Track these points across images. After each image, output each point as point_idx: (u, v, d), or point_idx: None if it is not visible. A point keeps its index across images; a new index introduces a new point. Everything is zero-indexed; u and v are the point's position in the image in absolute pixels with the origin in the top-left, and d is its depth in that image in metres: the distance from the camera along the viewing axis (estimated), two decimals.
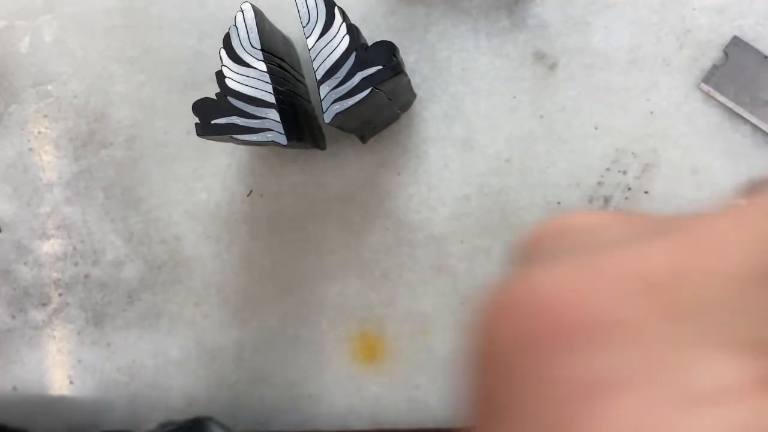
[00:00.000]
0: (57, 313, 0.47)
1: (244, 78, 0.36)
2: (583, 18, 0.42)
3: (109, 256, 0.46)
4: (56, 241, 0.47)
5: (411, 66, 0.43)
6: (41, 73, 0.47)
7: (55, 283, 0.47)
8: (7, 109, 0.47)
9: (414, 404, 0.44)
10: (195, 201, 0.45)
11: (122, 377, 0.47)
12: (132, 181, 0.46)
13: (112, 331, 0.47)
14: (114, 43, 0.46)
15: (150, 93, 0.46)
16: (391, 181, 0.44)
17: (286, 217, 0.45)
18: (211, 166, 0.45)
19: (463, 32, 0.43)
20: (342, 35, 0.35)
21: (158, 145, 0.46)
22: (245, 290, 0.45)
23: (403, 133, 0.43)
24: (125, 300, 0.46)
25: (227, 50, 0.36)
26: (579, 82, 0.42)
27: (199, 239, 0.46)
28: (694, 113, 0.41)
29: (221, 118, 0.36)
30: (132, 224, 0.46)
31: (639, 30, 0.41)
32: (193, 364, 0.46)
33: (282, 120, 0.36)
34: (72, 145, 0.47)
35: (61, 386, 0.48)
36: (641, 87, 0.41)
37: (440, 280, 0.43)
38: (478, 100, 0.43)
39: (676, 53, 0.41)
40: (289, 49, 0.42)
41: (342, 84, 0.35)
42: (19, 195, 0.47)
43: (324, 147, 0.43)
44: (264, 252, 0.45)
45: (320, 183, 0.44)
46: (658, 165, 0.41)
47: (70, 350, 0.47)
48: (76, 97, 0.47)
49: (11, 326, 0.48)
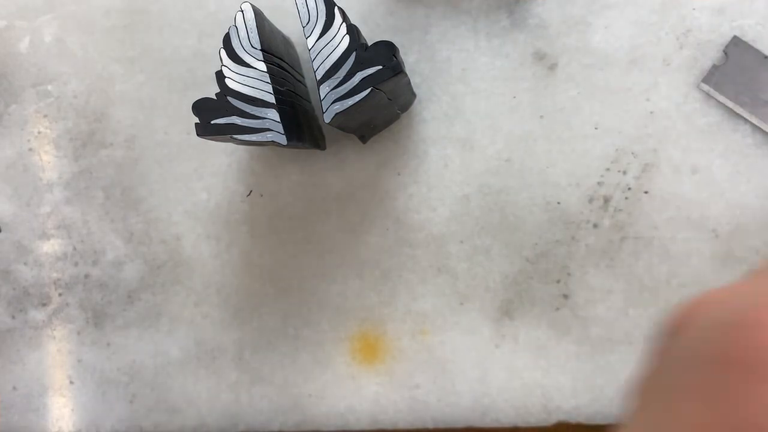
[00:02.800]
0: (57, 313, 0.47)
1: (244, 78, 0.36)
2: (584, 18, 0.42)
3: (109, 256, 0.46)
4: (56, 241, 0.47)
5: (411, 66, 0.43)
6: (41, 73, 0.47)
7: (55, 283, 0.47)
8: (7, 109, 0.47)
9: (414, 404, 0.44)
10: (195, 201, 0.45)
11: (122, 377, 0.47)
12: (132, 181, 0.46)
13: (112, 331, 0.47)
14: (114, 43, 0.46)
15: (150, 93, 0.46)
16: (391, 181, 0.44)
17: (286, 217, 0.45)
18: (211, 166, 0.45)
19: (463, 32, 0.43)
20: (342, 35, 0.35)
21: (158, 145, 0.46)
22: (245, 290, 0.45)
23: (403, 133, 0.43)
24: (125, 300, 0.46)
25: (227, 50, 0.36)
26: (579, 82, 0.42)
27: (199, 239, 0.46)
28: (694, 113, 0.41)
29: (221, 118, 0.36)
30: (132, 224, 0.46)
31: (639, 30, 0.41)
32: (193, 364, 0.46)
33: (282, 120, 0.36)
34: (72, 145, 0.47)
35: (61, 386, 0.48)
36: (641, 87, 0.41)
37: (440, 280, 0.43)
38: (478, 100, 0.43)
39: (676, 53, 0.41)
40: (288, 49, 0.42)
41: (342, 84, 0.35)
42: (19, 195, 0.47)
43: (324, 147, 0.43)
44: (264, 252, 0.45)
45: (320, 183, 0.44)
46: (658, 165, 0.41)
47: (70, 350, 0.47)
48: (76, 97, 0.46)
49: (11, 326, 0.48)
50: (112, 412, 0.47)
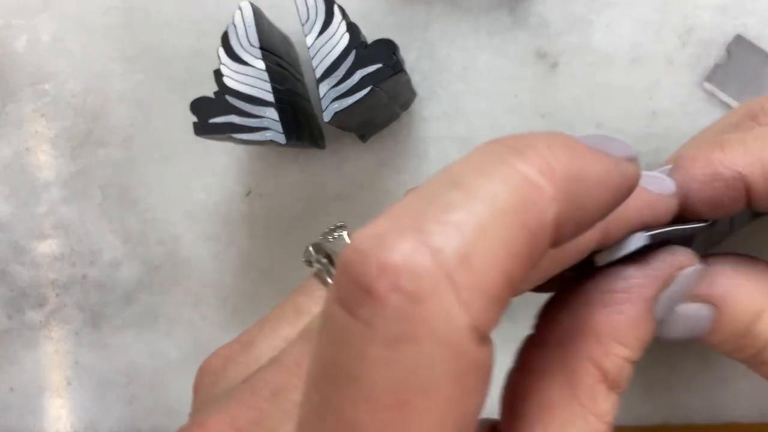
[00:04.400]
0: (54, 314, 0.47)
1: (243, 77, 0.36)
2: (585, 16, 0.41)
3: (106, 257, 0.46)
4: (53, 241, 0.47)
5: (411, 64, 0.43)
6: (39, 72, 0.47)
7: (52, 284, 0.47)
8: (4, 108, 0.47)
9: None
10: (193, 201, 0.45)
11: (120, 378, 0.46)
12: (130, 181, 0.46)
13: (109, 331, 0.46)
14: (112, 42, 0.46)
15: (148, 92, 0.45)
16: (391, 180, 0.43)
17: (285, 217, 0.44)
18: (210, 166, 0.45)
19: (463, 30, 0.42)
20: (341, 33, 0.35)
21: (156, 145, 0.45)
22: (244, 291, 0.45)
23: (404, 132, 0.43)
24: (123, 300, 0.46)
25: (225, 49, 0.36)
26: (581, 80, 0.41)
27: (197, 239, 0.45)
28: (697, 112, 0.40)
29: (219, 117, 0.36)
30: (130, 224, 0.46)
31: (641, 28, 0.41)
32: (191, 366, 0.45)
33: (281, 119, 0.35)
34: (69, 144, 0.46)
35: (59, 387, 0.47)
36: (643, 86, 0.41)
37: None
38: (478, 99, 0.42)
39: (678, 52, 0.41)
40: (288, 47, 0.42)
41: (341, 82, 0.35)
42: (16, 195, 0.47)
43: (323, 146, 0.43)
44: (263, 252, 0.45)
45: (320, 182, 0.44)
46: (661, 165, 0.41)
47: (68, 351, 0.47)
48: (73, 97, 0.46)
49: (8, 327, 0.47)
50: (111, 414, 0.47)
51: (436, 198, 0.15)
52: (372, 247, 0.15)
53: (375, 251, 0.14)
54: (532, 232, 0.15)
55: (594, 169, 0.17)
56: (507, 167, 0.16)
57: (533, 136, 0.17)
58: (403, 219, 0.15)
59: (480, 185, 0.15)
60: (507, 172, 0.15)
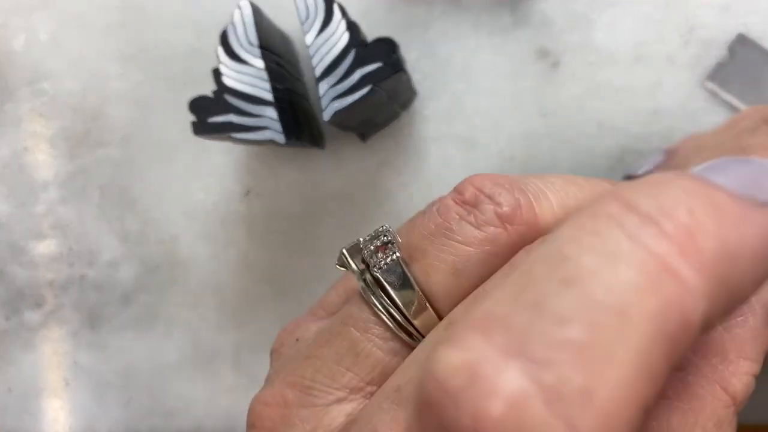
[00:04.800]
0: (52, 315, 0.47)
1: (242, 75, 0.36)
2: (586, 15, 0.41)
3: (104, 257, 0.46)
4: (51, 241, 0.46)
5: (411, 63, 0.42)
6: (36, 71, 0.46)
7: (50, 284, 0.47)
8: (2, 107, 0.47)
9: None
10: (192, 200, 0.45)
11: (118, 380, 0.46)
12: (128, 181, 0.46)
13: (108, 332, 0.46)
14: (110, 41, 0.46)
15: (147, 91, 0.45)
16: (391, 180, 0.43)
17: (284, 217, 0.44)
18: (209, 165, 0.45)
19: (464, 29, 0.42)
20: (341, 32, 0.35)
21: (155, 144, 0.45)
22: (243, 291, 0.45)
23: (404, 132, 0.43)
24: (121, 301, 0.46)
25: (224, 47, 0.36)
26: (582, 80, 0.41)
27: (196, 239, 0.45)
28: (699, 112, 0.40)
29: (218, 117, 0.35)
30: (128, 224, 0.46)
31: (643, 27, 0.41)
32: (190, 367, 0.45)
33: (280, 118, 0.35)
34: (67, 144, 0.46)
35: (57, 388, 0.47)
36: (645, 85, 0.41)
37: None
38: (479, 98, 0.42)
39: (680, 51, 0.40)
40: (287, 46, 0.42)
41: (341, 81, 0.35)
42: (14, 195, 0.47)
43: (323, 146, 0.43)
44: (262, 252, 0.44)
45: (319, 182, 0.44)
46: None
47: (66, 352, 0.47)
48: (72, 96, 0.46)
49: (6, 328, 0.47)
50: (109, 415, 0.46)
51: (543, 301, 0.11)
52: (464, 387, 0.11)
53: (468, 395, 0.11)
54: (674, 341, 0.11)
55: (751, 235, 0.12)
56: (637, 249, 0.11)
57: (664, 185, 0.12)
58: (500, 335, 0.11)
59: (601, 283, 0.11)
60: (638, 258, 0.11)
